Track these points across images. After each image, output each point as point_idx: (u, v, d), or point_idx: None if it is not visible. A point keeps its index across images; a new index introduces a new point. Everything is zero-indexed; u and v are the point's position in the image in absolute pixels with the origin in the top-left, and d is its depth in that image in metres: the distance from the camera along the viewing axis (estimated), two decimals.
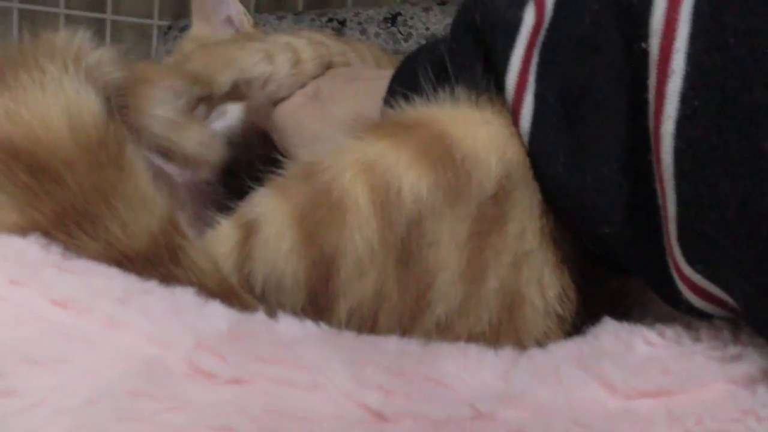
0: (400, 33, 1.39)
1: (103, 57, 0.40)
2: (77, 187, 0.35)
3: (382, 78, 0.52)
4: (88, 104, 0.36)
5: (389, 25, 1.41)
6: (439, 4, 1.45)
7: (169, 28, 1.60)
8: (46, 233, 0.36)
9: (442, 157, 0.39)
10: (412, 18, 1.42)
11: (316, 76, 0.62)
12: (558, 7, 0.40)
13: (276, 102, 0.60)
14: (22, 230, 0.36)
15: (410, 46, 1.37)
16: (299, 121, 0.58)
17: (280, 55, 0.59)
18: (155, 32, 1.68)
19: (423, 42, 1.38)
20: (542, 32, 0.40)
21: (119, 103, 0.41)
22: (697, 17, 0.32)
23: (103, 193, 0.35)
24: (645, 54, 0.33)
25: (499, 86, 0.41)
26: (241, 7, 0.90)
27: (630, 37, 0.35)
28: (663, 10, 0.33)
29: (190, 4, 0.95)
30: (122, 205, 0.36)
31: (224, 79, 0.54)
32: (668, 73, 0.32)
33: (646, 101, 0.34)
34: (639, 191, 0.35)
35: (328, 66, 0.63)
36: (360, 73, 0.61)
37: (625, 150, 0.36)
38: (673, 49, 0.32)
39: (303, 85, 0.61)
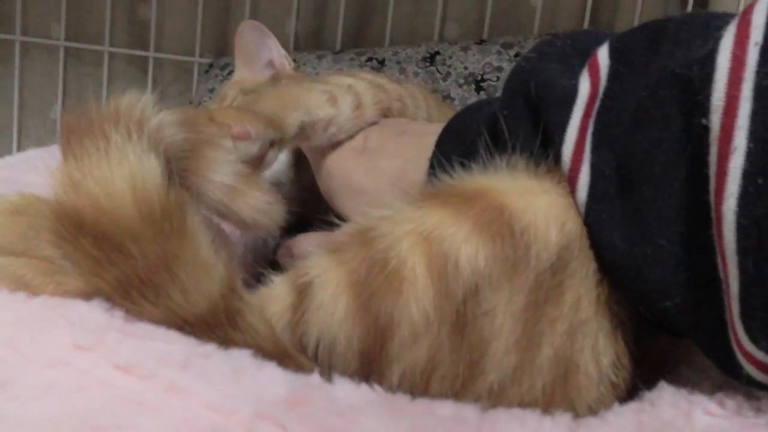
0: (439, 72, 1.40)
1: (164, 120, 0.41)
2: (141, 257, 0.35)
3: (429, 135, 0.53)
4: (151, 173, 0.37)
5: (428, 64, 1.42)
6: (477, 44, 1.46)
7: (210, 65, 1.64)
8: (110, 299, 0.36)
9: (501, 229, 0.39)
10: (450, 57, 1.43)
11: (373, 123, 0.62)
12: (612, 78, 0.40)
13: (332, 146, 0.61)
14: (87, 296, 0.37)
15: (449, 84, 1.38)
16: (346, 171, 0.59)
17: (343, 98, 0.60)
18: (196, 69, 1.72)
19: (461, 81, 1.39)
20: (597, 102, 0.40)
21: (180, 166, 0.42)
22: (759, 94, 0.32)
23: (166, 262, 0.36)
24: (705, 130, 0.33)
25: (556, 156, 0.41)
26: (282, 51, 0.92)
27: (689, 112, 0.35)
28: (724, 87, 0.33)
29: (231, 43, 0.97)
30: (184, 273, 0.36)
31: (293, 122, 0.54)
32: (730, 150, 0.32)
33: (706, 176, 0.34)
34: (699, 264, 0.35)
35: (385, 112, 0.64)
36: (409, 125, 0.61)
37: (685, 223, 0.35)
38: (734, 126, 0.32)
39: (359, 130, 0.61)
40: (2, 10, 1.74)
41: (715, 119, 0.33)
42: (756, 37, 0.33)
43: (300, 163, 0.74)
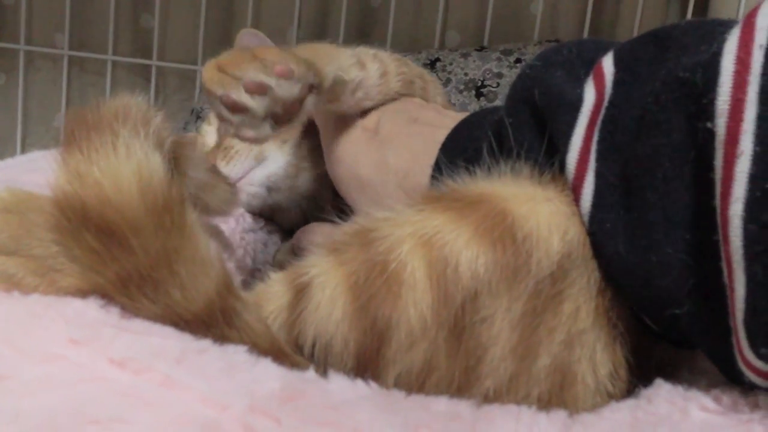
0: (439, 78, 1.41)
1: (163, 119, 0.41)
2: (143, 252, 0.35)
3: (440, 127, 0.52)
4: (157, 168, 0.37)
5: (428, 70, 1.43)
6: (477, 50, 1.47)
7: None
8: (106, 295, 0.37)
9: (503, 235, 0.39)
10: (451, 63, 1.43)
11: (396, 94, 0.62)
12: (617, 85, 0.40)
13: (344, 123, 0.61)
14: (81, 294, 0.37)
15: (449, 90, 1.38)
16: (355, 158, 0.58)
17: (370, 63, 0.60)
18: (198, 77, 1.72)
19: (461, 87, 1.39)
20: (602, 110, 0.40)
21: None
22: (765, 97, 0.32)
23: (167, 258, 0.36)
24: (711, 134, 0.33)
25: (561, 164, 0.41)
26: None
27: (694, 117, 0.35)
28: (729, 90, 0.33)
29: None
30: (184, 270, 0.36)
31: (329, 72, 0.53)
32: (736, 154, 0.32)
33: (711, 181, 0.34)
34: (705, 270, 0.35)
35: (408, 87, 0.63)
36: (421, 111, 0.61)
37: (690, 229, 0.35)
38: (740, 129, 0.32)
39: (383, 100, 0.61)
40: (7, 20, 1.75)
41: (721, 123, 0.33)
42: (761, 39, 0.33)
43: (299, 168, 0.73)
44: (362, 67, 0.59)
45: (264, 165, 0.73)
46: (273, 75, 0.45)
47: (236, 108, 0.44)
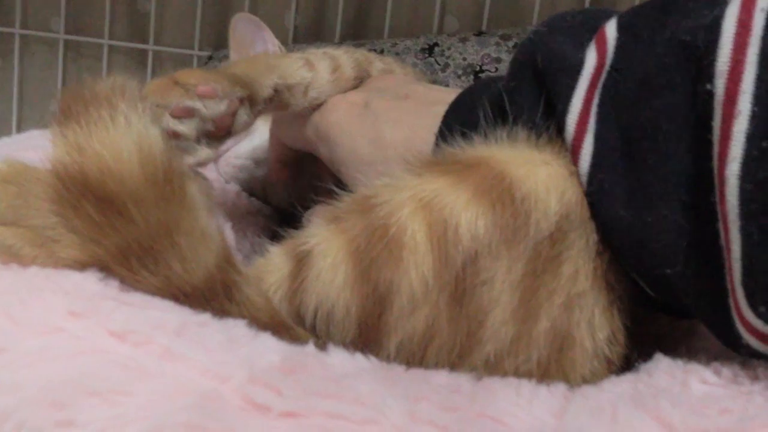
0: (438, 63, 1.40)
1: None
2: (143, 223, 0.35)
3: (435, 104, 0.52)
4: (156, 140, 0.37)
5: (426, 55, 1.42)
6: (476, 35, 1.46)
7: (210, 58, 1.63)
8: (105, 268, 0.36)
9: (502, 196, 0.39)
10: (449, 48, 1.42)
11: (355, 79, 0.62)
12: (619, 49, 0.40)
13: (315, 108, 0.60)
14: (81, 266, 0.36)
15: (447, 76, 1.38)
16: (351, 138, 0.57)
17: (320, 62, 0.59)
18: (195, 62, 1.72)
19: (460, 72, 1.38)
20: (604, 73, 0.40)
21: None
22: (764, 59, 0.32)
23: (168, 229, 0.36)
24: (710, 95, 0.34)
25: (560, 127, 0.41)
26: (276, 41, 0.92)
27: (695, 79, 0.35)
28: (729, 52, 0.33)
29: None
30: (184, 242, 0.36)
31: (266, 82, 0.53)
32: (734, 114, 0.32)
33: (709, 142, 0.34)
34: (701, 232, 0.35)
35: (366, 72, 0.63)
36: (410, 87, 0.59)
37: (688, 191, 0.36)
38: (739, 90, 0.32)
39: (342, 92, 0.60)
40: (2, 4, 1.74)
41: (720, 84, 0.33)
42: (762, 3, 0.33)
43: None
44: (311, 68, 0.58)
45: (251, 138, 0.74)
46: (196, 97, 0.46)
47: (168, 136, 0.44)
